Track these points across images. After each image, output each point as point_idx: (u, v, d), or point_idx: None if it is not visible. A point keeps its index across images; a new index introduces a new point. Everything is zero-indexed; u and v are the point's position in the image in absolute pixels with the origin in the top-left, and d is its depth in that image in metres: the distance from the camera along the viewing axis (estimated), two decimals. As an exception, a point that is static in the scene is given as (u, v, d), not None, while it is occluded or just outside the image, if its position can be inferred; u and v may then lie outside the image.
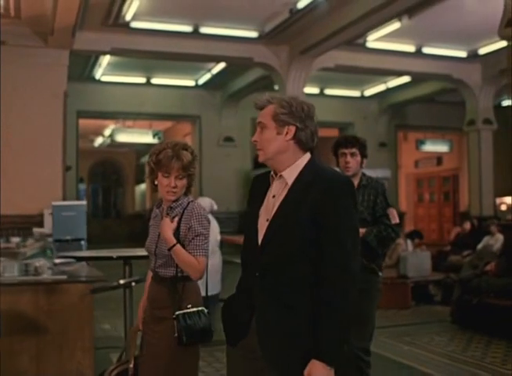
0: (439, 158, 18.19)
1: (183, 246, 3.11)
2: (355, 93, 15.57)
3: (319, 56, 11.43)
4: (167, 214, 3.22)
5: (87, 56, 12.25)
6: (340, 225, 2.33)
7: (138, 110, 14.66)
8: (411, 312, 8.36)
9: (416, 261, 8.60)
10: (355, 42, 11.16)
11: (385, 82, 14.54)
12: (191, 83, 14.39)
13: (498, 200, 14.79)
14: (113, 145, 21.08)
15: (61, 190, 10.66)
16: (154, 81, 14.15)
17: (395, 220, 4.08)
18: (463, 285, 6.99)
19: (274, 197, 2.48)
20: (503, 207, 15.38)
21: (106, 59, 12.51)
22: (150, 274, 3.41)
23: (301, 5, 9.55)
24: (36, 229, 8.13)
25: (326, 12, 9.84)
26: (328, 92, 15.04)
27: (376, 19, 9.76)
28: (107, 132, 19.32)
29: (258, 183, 2.65)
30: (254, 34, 10.92)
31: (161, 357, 3.11)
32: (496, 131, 13.56)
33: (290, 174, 2.46)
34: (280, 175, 2.48)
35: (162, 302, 3.16)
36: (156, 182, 3.21)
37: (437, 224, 18.07)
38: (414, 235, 9.67)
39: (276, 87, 13.80)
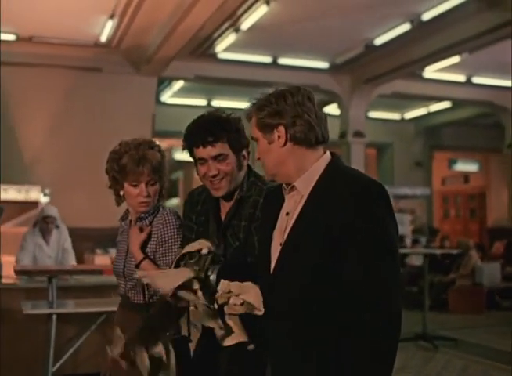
0: (466, 177, 19.37)
1: (154, 261, 2.63)
2: (396, 116, 16.70)
3: (380, 85, 12.58)
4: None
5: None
6: (374, 246, 1.81)
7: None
8: (487, 316, 9.45)
9: (490, 271, 9.71)
10: (414, 72, 12.31)
11: (427, 106, 15.68)
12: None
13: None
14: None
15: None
16: (214, 103, 15.16)
17: None
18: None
19: (288, 214, 1.99)
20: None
21: (178, 84, 13.52)
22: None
23: (378, 41, 10.66)
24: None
25: (396, 49, 10.95)
26: (371, 115, 16.13)
27: (440, 56, 10.93)
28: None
29: (271, 199, 2.17)
30: (325, 65, 12.04)
31: None
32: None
33: (305, 183, 1.97)
34: (293, 186, 2.00)
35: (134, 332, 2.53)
36: (121, 193, 2.73)
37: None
38: (478, 248, 10.79)
39: (325, 110, 14.95)
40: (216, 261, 2.13)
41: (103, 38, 10.53)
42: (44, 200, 8.66)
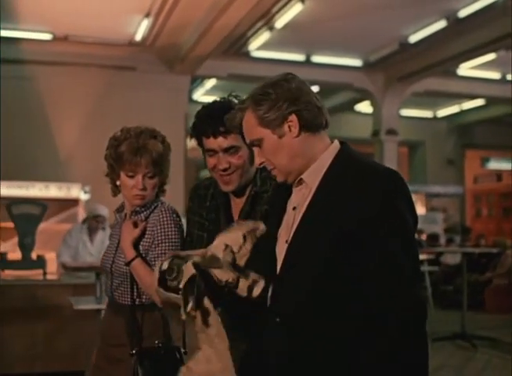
0: (499, 175, 19.14)
1: (146, 260, 2.39)
2: (428, 114, 16.58)
3: (414, 82, 12.51)
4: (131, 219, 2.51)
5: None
6: (394, 242, 1.66)
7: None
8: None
9: (528, 270, 9.61)
10: (448, 70, 12.22)
11: (460, 104, 15.55)
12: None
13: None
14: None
15: (183, 204, 11.69)
16: (245, 101, 15.19)
17: None
18: None
19: (295, 209, 1.82)
20: None
21: (211, 82, 13.57)
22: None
23: (413, 39, 10.59)
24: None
25: (431, 46, 10.87)
26: (403, 112, 16.03)
27: (476, 53, 10.83)
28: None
29: (277, 193, 1.98)
30: (359, 63, 12.01)
31: None
32: None
33: (313, 175, 1.80)
34: (300, 180, 1.82)
35: (118, 338, 2.40)
36: (118, 183, 2.50)
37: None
38: (514, 247, 10.68)
39: (357, 109, 14.95)
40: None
41: (138, 37, 10.61)
42: (84, 197, 8.74)
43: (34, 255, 5.50)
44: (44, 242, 6.30)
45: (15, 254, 5.53)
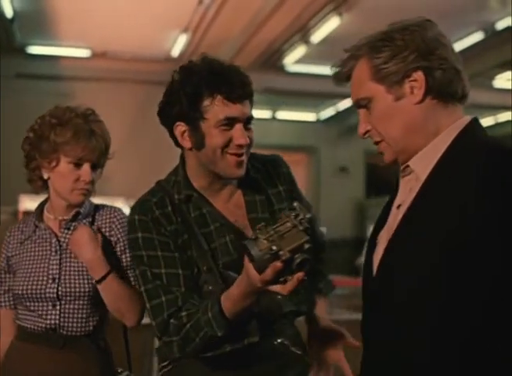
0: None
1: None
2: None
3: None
4: (68, 229, 2.01)
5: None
6: None
7: (262, 141, 15.70)
8: None
9: None
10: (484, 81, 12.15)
11: (494, 115, 15.39)
12: (312, 117, 15.45)
13: None
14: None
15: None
16: (279, 115, 15.19)
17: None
18: None
19: (399, 207, 1.39)
20: None
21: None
22: (10, 335, 2.06)
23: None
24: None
25: (468, 58, 10.81)
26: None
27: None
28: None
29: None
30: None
31: None
32: None
33: (423, 160, 1.34)
34: (406, 166, 1.38)
35: None
36: (46, 176, 1.99)
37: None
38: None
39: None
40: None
41: (175, 52, 10.74)
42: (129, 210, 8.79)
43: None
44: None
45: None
